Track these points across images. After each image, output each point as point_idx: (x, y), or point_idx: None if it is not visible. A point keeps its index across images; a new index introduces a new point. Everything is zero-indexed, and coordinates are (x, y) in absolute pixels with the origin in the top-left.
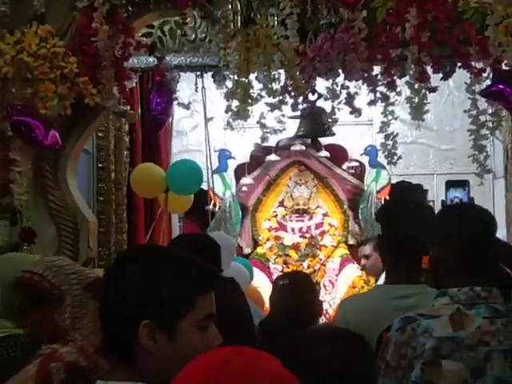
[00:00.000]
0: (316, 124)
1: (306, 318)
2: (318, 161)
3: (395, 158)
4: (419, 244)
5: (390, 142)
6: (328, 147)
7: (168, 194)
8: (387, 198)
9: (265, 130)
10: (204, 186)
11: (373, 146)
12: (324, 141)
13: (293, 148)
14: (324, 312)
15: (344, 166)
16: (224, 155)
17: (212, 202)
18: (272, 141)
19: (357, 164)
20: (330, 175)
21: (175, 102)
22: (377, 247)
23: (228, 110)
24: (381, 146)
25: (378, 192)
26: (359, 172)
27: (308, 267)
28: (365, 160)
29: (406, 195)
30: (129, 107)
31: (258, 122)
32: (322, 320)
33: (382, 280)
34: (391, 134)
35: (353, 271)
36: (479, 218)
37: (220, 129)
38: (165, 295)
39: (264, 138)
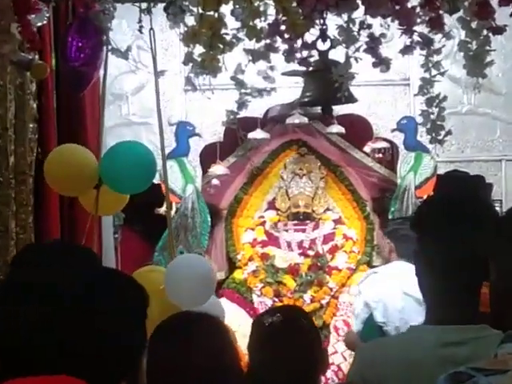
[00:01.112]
0: (330, 85)
1: (303, 376)
2: (327, 140)
3: (442, 133)
4: (478, 264)
5: (435, 110)
6: (343, 119)
7: (99, 191)
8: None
9: (243, 91)
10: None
11: (410, 117)
12: (336, 110)
13: (289, 120)
14: (336, 368)
15: (367, 148)
16: (184, 131)
17: (165, 203)
18: (256, 107)
19: (386, 145)
20: (346, 162)
21: (107, 48)
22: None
23: (188, 60)
24: (421, 115)
25: (417, 187)
26: (390, 157)
27: (311, 301)
28: (398, 139)
29: (459, 191)
30: (36, 55)
31: (232, 79)
32: (332, 380)
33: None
34: (436, 96)
35: None
36: None
37: (178, 90)
38: (132, 337)
39: (242, 104)
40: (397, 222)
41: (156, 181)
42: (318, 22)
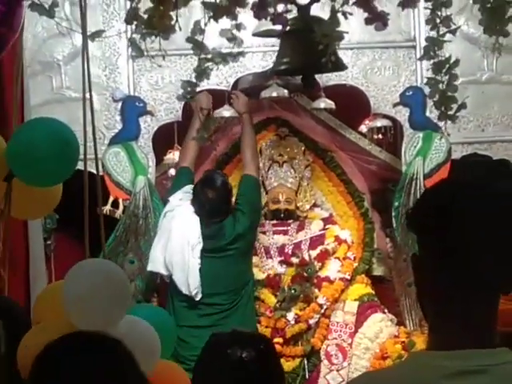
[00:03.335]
0: (312, 48)
1: None
2: (313, 118)
3: (454, 107)
4: (500, 274)
5: (445, 77)
6: (333, 92)
7: (11, 185)
8: None
9: (203, 56)
10: (94, 169)
11: (417, 88)
12: (324, 80)
13: (265, 93)
14: None
15: (363, 128)
16: (132, 108)
17: (111, 200)
18: (223, 78)
19: (387, 123)
20: (337, 145)
21: (27, 3)
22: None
23: (132, 17)
24: (428, 84)
25: (427, 176)
26: (392, 138)
27: (297, 321)
28: (402, 115)
29: (478, 179)
30: None
31: (189, 41)
32: None
33: None
34: (446, 60)
35: (383, 327)
36: None
37: (124, 58)
38: None
39: (202, 72)
40: None
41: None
42: None
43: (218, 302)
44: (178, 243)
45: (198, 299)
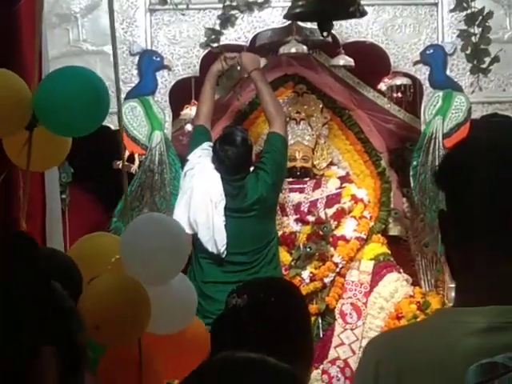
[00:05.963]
0: None
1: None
2: (331, 75)
3: (486, 61)
4: None
5: (478, 30)
6: (352, 49)
7: (33, 133)
8: None
9: (228, 4)
10: (110, 123)
11: (438, 46)
12: (344, 37)
13: (283, 49)
14: (342, 364)
15: (383, 86)
16: (149, 62)
17: (126, 154)
18: (241, 33)
19: (407, 82)
20: (356, 103)
21: None
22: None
23: None
24: (460, 36)
25: (446, 135)
26: (411, 97)
27: (312, 279)
28: (422, 74)
29: (499, 139)
30: None
31: None
32: (337, 379)
33: None
34: (480, 11)
35: (398, 287)
36: None
37: (141, 10)
38: None
39: (227, 20)
40: None
41: (114, 126)
42: None
43: (242, 261)
44: (200, 201)
45: (223, 257)
